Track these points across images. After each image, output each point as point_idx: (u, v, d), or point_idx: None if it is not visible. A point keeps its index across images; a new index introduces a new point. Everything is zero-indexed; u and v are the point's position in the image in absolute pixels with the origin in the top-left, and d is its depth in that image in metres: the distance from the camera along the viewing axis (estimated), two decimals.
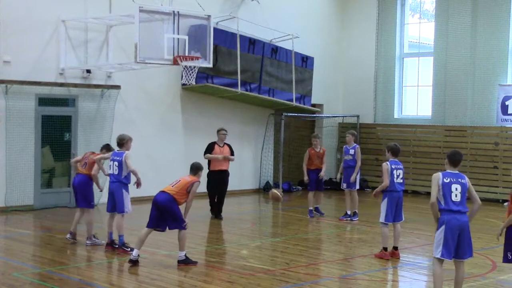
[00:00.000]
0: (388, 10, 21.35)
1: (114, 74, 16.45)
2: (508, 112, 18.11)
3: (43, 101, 15.50)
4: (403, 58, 21.39)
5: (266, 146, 20.12)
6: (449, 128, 19.48)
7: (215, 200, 14.68)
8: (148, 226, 9.99)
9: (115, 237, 11.00)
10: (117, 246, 10.93)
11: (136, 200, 16.49)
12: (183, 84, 16.70)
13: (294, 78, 19.70)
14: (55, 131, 15.77)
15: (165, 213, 9.85)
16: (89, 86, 16.11)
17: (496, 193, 18.30)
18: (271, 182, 20.18)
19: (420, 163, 19.66)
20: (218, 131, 14.68)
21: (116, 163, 11.04)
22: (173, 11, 14.21)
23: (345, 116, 21.81)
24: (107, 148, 11.63)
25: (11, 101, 14.87)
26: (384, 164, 10.82)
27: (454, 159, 7.89)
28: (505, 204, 17.75)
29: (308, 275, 9.60)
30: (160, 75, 17.20)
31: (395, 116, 21.31)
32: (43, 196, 15.51)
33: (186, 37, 14.21)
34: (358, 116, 21.46)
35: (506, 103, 18.14)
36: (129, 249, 10.74)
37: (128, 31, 14.94)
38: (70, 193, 15.88)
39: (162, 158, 17.44)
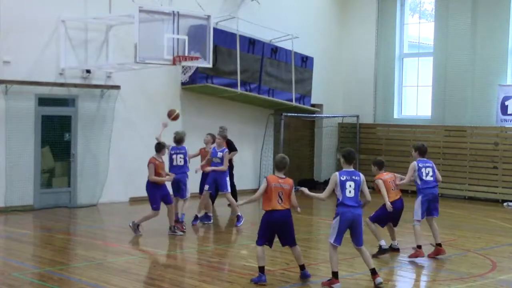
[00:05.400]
0: (388, 10, 21.36)
1: (114, 74, 16.45)
2: (508, 112, 18.10)
3: (43, 101, 15.49)
4: (403, 58, 21.40)
5: (266, 146, 20.12)
6: (449, 128, 19.48)
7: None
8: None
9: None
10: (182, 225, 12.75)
11: (135, 201, 16.54)
12: (183, 84, 16.69)
13: (294, 78, 19.70)
14: (55, 131, 15.76)
15: None
16: (89, 86, 16.10)
17: (496, 193, 18.30)
18: None
19: None
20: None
21: (181, 155, 12.94)
22: (173, 11, 14.21)
23: (345, 116, 21.82)
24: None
25: (11, 101, 14.87)
26: (412, 163, 10.97)
27: (349, 158, 8.94)
28: (505, 204, 17.77)
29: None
30: (160, 75, 17.19)
31: (395, 116, 21.32)
32: (43, 196, 15.50)
33: (186, 37, 14.21)
34: (358, 116, 21.46)
35: (506, 103, 18.14)
36: (179, 232, 12.38)
37: (128, 31, 14.93)
38: (70, 193, 15.93)
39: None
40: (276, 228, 9.02)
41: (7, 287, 8.60)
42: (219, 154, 13.86)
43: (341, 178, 8.79)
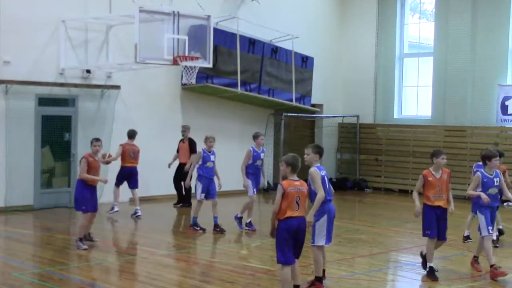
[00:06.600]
0: (388, 10, 21.36)
1: (114, 74, 16.45)
2: (508, 112, 18.11)
3: (43, 101, 15.49)
4: (403, 58, 21.40)
5: (266, 146, 20.06)
6: (449, 128, 19.48)
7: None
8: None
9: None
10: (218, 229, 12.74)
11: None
12: (183, 84, 16.70)
13: (294, 78, 19.71)
14: (55, 131, 15.76)
15: None
16: (89, 86, 16.10)
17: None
18: (271, 182, 20.19)
19: (420, 163, 19.61)
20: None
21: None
22: (173, 11, 14.21)
23: (345, 116, 21.82)
24: None
25: (11, 101, 14.86)
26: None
27: (322, 152, 8.67)
28: (505, 204, 17.74)
29: (308, 275, 9.60)
30: (160, 75, 17.20)
31: (395, 116, 21.32)
32: (43, 196, 15.50)
33: (186, 37, 14.22)
34: (358, 116, 21.47)
35: (506, 103, 18.15)
36: (198, 228, 12.65)
37: (128, 31, 14.95)
38: (70, 193, 15.91)
39: (162, 158, 17.40)
40: (293, 238, 7.73)
41: (7, 287, 8.60)
42: (262, 155, 13.06)
43: (322, 173, 8.45)
